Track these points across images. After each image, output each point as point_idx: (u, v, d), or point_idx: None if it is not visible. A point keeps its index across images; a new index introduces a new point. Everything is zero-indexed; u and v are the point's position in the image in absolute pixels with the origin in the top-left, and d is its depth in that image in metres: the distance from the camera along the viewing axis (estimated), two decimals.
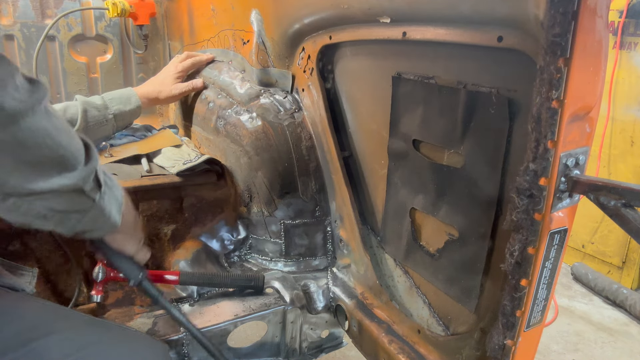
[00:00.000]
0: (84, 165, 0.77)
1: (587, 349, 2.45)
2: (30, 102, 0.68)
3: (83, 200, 0.79)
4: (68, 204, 0.78)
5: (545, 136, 0.64)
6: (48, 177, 0.73)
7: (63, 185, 0.74)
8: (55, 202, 0.76)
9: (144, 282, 1.04)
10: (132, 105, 1.56)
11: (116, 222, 0.89)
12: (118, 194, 0.90)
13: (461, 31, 0.79)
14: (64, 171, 0.74)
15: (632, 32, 2.71)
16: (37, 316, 0.88)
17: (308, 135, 1.31)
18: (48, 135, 0.71)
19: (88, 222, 0.83)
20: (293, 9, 1.22)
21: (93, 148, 0.81)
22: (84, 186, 0.78)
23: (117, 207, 0.88)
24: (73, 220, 0.81)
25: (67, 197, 0.77)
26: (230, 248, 1.40)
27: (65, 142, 0.74)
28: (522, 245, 0.71)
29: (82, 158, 0.77)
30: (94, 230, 0.87)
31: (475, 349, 0.88)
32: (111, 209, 0.87)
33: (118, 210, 0.89)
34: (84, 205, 0.80)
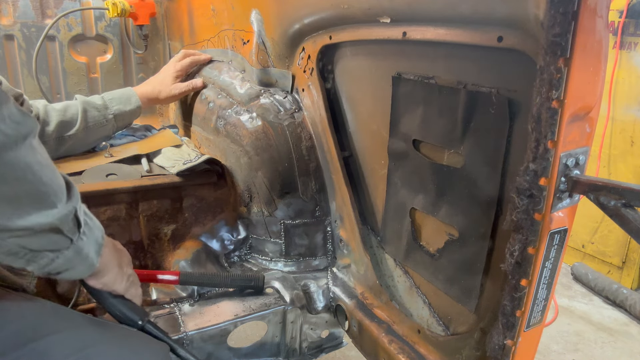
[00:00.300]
0: (65, 204, 0.74)
1: (587, 349, 2.45)
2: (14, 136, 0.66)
3: (59, 240, 0.77)
4: (42, 242, 0.75)
5: (545, 136, 0.64)
6: (25, 214, 0.70)
7: (39, 224, 0.71)
8: (29, 240, 0.72)
9: (146, 326, 0.99)
10: (132, 105, 1.56)
11: (93, 264, 0.85)
12: (98, 235, 0.86)
13: (461, 31, 0.79)
14: (42, 209, 0.71)
15: (632, 32, 2.71)
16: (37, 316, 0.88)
17: (308, 135, 1.31)
18: (30, 171, 0.69)
19: (62, 263, 0.79)
20: (293, 9, 1.22)
21: (74, 187, 0.78)
22: (61, 226, 0.75)
23: (95, 248, 0.85)
24: (45, 259, 0.77)
25: (43, 236, 0.73)
26: (230, 248, 1.40)
27: (47, 178, 0.72)
28: (522, 245, 0.71)
29: (63, 196, 0.75)
30: (69, 270, 0.82)
31: (475, 349, 0.88)
32: (89, 251, 0.83)
33: (97, 251, 0.85)
34: (59, 245, 0.77)
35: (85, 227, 0.81)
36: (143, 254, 1.31)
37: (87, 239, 0.81)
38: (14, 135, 0.66)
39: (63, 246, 0.78)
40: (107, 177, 1.36)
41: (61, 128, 1.42)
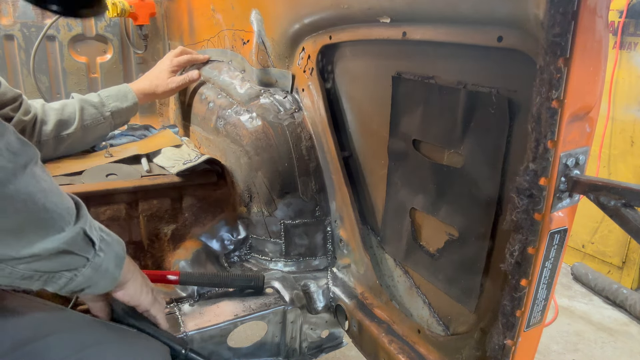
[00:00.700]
0: (72, 226, 0.74)
1: (587, 349, 2.45)
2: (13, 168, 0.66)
3: (73, 260, 0.76)
4: (55, 265, 0.74)
5: (545, 136, 0.64)
6: (29, 243, 0.69)
7: (46, 249, 0.71)
8: (39, 264, 0.72)
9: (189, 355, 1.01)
10: (128, 102, 1.56)
11: (115, 277, 0.85)
12: (118, 248, 0.86)
13: (461, 31, 0.79)
14: (48, 235, 0.71)
15: (632, 32, 2.71)
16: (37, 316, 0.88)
17: (308, 135, 1.31)
18: (31, 200, 0.68)
19: (82, 281, 0.79)
20: (293, 8, 1.22)
21: (83, 207, 0.78)
22: (70, 248, 0.74)
23: (116, 261, 0.85)
24: (64, 279, 0.77)
25: (54, 259, 0.73)
26: (230, 248, 1.40)
27: (51, 204, 0.71)
28: (522, 245, 0.71)
29: (71, 219, 0.74)
30: (91, 287, 0.82)
31: (475, 349, 0.88)
32: (109, 265, 0.83)
33: (118, 264, 0.85)
34: (75, 265, 0.77)
35: (102, 243, 0.81)
36: (143, 254, 1.31)
37: (104, 254, 0.81)
38: (13, 167, 0.66)
39: (79, 265, 0.77)
40: (107, 177, 1.36)
41: (59, 127, 1.42)
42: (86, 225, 0.77)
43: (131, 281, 0.92)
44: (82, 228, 0.76)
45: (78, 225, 0.75)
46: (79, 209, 0.77)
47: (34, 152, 0.71)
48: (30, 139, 1.37)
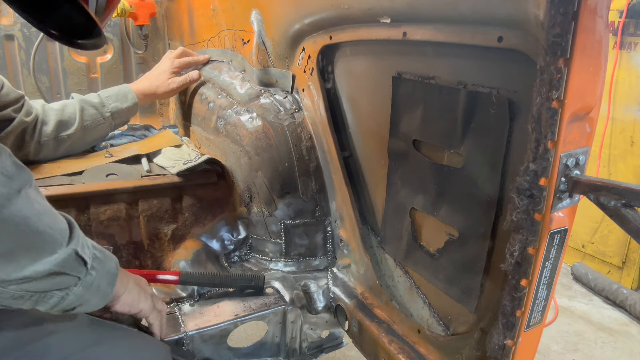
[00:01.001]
0: (64, 247, 0.74)
1: (587, 349, 2.45)
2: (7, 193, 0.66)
3: (64, 280, 0.76)
4: (46, 285, 0.74)
5: (546, 136, 0.64)
6: (21, 267, 0.69)
7: (37, 272, 0.71)
8: (30, 285, 0.72)
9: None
10: (128, 102, 1.56)
11: (107, 294, 0.85)
12: (111, 266, 0.85)
13: (461, 31, 0.79)
14: (40, 257, 0.71)
15: (632, 32, 2.71)
16: (37, 316, 0.88)
17: (308, 135, 1.31)
18: (24, 224, 0.68)
19: (73, 299, 0.78)
20: (293, 9, 1.22)
21: (76, 227, 0.78)
22: (61, 270, 0.74)
23: (108, 279, 0.84)
24: (55, 298, 0.76)
25: (45, 280, 0.73)
26: (231, 248, 1.40)
27: (44, 226, 0.71)
28: (522, 245, 0.71)
29: (64, 240, 0.74)
30: (83, 305, 0.81)
31: (475, 349, 0.88)
32: (100, 283, 0.82)
33: (110, 282, 0.85)
34: (66, 284, 0.76)
35: (94, 261, 0.80)
36: (143, 254, 1.31)
37: (97, 273, 0.80)
38: (7, 192, 0.66)
39: (70, 284, 0.77)
40: (107, 177, 1.35)
41: (59, 128, 1.42)
42: (78, 246, 0.76)
43: (126, 294, 0.92)
44: (74, 249, 0.75)
45: (70, 247, 0.75)
46: (72, 229, 0.76)
47: (28, 175, 0.71)
48: (31, 140, 1.37)
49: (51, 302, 0.76)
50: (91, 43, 1.05)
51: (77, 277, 0.77)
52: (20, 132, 1.34)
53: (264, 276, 1.27)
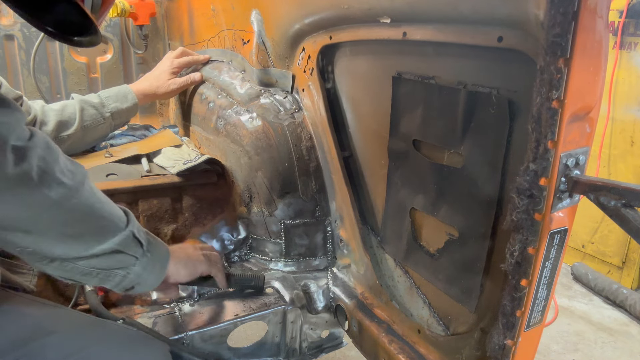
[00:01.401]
0: (123, 230, 0.85)
1: (587, 349, 2.45)
2: (74, 185, 0.77)
3: (125, 259, 0.86)
4: (110, 263, 0.85)
5: (546, 136, 0.64)
6: (90, 246, 0.81)
7: (102, 250, 0.82)
8: (97, 262, 0.83)
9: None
10: (128, 103, 1.56)
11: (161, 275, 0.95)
12: (163, 250, 0.96)
13: (461, 31, 0.79)
14: (105, 238, 0.82)
15: (632, 32, 2.71)
16: (37, 316, 0.88)
17: (308, 135, 1.31)
18: (91, 211, 0.81)
19: (133, 278, 0.89)
20: (293, 9, 1.22)
21: (131, 214, 0.90)
22: (122, 249, 0.85)
23: (161, 261, 0.95)
24: (118, 277, 0.87)
25: (108, 257, 0.84)
26: (231, 248, 1.40)
27: (107, 213, 0.83)
28: (522, 245, 0.71)
29: (122, 224, 0.85)
30: (140, 284, 0.91)
31: (475, 349, 0.88)
32: (155, 265, 0.93)
33: (163, 264, 0.95)
34: (126, 263, 0.87)
35: (149, 245, 0.91)
36: None
37: (151, 255, 0.91)
38: (74, 185, 0.77)
39: (129, 263, 0.87)
40: (107, 177, 1.35)
41: (59, 128, 1.42)
42: (135, 229, 0.88)
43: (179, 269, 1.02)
44: (132, 231, 0.87)
45: (128, 229, 0.86)
46: (128, 216, 0.88)
47: (84, 169, 0.82)
48: None
49: (115, 280, 0.87)
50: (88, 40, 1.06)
51: (134, 257, 0.88)
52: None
53: (264, 276, 1.27)
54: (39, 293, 1.13)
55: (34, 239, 0.76)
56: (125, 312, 1.15)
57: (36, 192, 0.73)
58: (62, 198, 0.75)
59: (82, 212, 0.79)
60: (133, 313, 1.16)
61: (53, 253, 0.78)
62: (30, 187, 0.72)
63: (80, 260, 0.81)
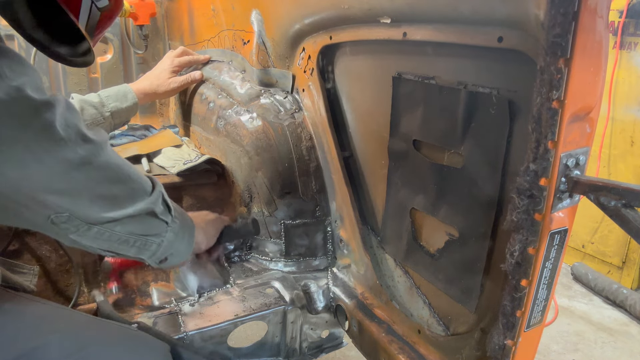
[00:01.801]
0: (152, 192, 0.87)
1: (587, 349, 2.45)
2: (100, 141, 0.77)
3: (158, 224, 0.89)
4: (145, 227, 0.87)
5: (546, 136, 0.64)
6: (123, 207, 0.82)
7: (137, 210, 0.84)
8: (133, 226, 0.85)
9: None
10: (128, 102, 1.56)
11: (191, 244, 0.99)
12: (187, 219, 0.99)
13: (461, 31, 0.79)
14: (137, 199, 0.84)
15: (632, 32, 2.71)
16: (37, 316, 0.88)
17: (308, 136, 1.31)
18: (120, 171, 0.81)
19: (167, 247, 0.92)
20: (293, 9, 1.22)
21: (156, 179, 0.92)
22: (155, 209, 0.87)
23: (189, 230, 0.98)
24: (154, 246, 0.90)
25: (143, 220, 0.86)
26: (231, 248, 1.40)
27: (135, 175, 0.85)
28: (522, 246, 0.71)
29: (149, 187, 0.87)
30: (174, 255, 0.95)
31: (476, 349, 0.88)
32: (184, 233, 0.96)
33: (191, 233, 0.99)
34: (159, 229, 0.90)
35: (175, 212, 0.94)
36: None
37: (180, 221, 0.94)
38: (100, 140, 0.77)
39: (162, 230, 0.90)
40: None
41: None
42: (163, 191, 0.91)
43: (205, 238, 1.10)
44: (161, 192, 0.90)
45: (157, 190, 0.89)
46: (153, 181, 0.90)
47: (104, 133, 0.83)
48: None
49: (151, 249, 0.90)
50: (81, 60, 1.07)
51: (165, 223, 0.91)
52: None
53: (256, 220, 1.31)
54: (39, 293, 1.13)
55: (69, 201, 0.76)
56: (125, 312, 1.16)
57: (63, 147, 0.72)
58: (91, 154, 0.76)
59: (112, 171, 0.80)
60: (133, 313, 1.16)
61: (89, 216, 0.79)
62: (57, 140, 0.72)
63: (117, 225, 0.82)
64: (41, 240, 1.18)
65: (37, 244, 1.18)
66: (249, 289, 1.28)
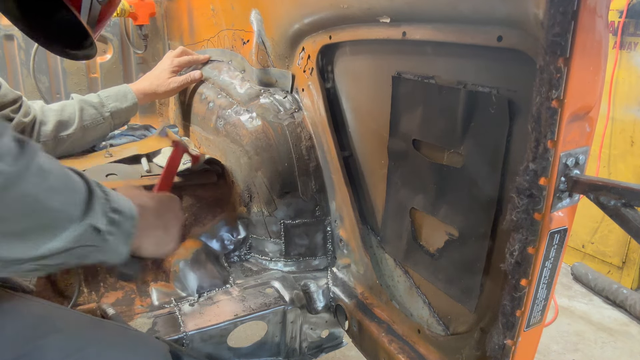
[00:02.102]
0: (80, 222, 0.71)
1: (587, 349, 2.45)
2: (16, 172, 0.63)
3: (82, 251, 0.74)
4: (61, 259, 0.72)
5: (545, 136, 0.64)
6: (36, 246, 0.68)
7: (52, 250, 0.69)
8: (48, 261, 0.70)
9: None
10: (128, 102, 1.57)
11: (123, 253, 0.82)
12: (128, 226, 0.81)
13: (461, 31, 0.79)
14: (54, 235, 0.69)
15: (632, 32, 2.71)
16: (37, 316, 0.88)
17: (308, 135, 1.31)
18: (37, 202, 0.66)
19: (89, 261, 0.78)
20: (293, 8, 1.22)
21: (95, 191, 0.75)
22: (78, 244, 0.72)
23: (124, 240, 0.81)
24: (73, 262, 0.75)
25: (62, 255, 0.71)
26: (230, 248, 1.40)
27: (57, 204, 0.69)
28: (522, 245, 0.71)
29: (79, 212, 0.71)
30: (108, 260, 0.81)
31: (475, 349, 0.88)
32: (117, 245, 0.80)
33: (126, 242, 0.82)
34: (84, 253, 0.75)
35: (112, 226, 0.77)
36: None
37: (113, 237, 0.78)
38: (15, 171, 0.63)
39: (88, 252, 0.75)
40: (107, 177, 1.36)
41: (59, 127, 1.43)
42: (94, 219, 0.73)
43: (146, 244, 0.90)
44: (90, 223, 0.72)
45: (85, 222, 0.72)
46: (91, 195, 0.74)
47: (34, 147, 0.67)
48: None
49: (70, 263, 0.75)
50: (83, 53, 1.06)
51: (93, 247, 0.75)
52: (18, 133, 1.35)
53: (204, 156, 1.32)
54: (39, 293, 1.13)
55: None
56: (125, 312, 1.16)
57: None
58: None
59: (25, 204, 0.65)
60: (133, 313, 1.16)
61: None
62: None
63: (26, 263, 0.68)
64: None
65: None
66: (249, 289, 1.27)
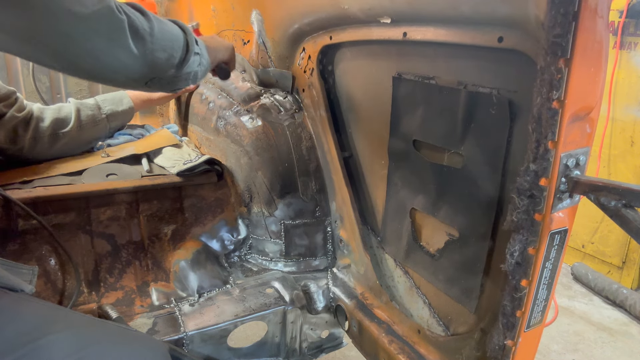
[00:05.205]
0: (187, 35, 1.00)
1: (587, 349, 2.45)
2: (152, 16, 0.91)
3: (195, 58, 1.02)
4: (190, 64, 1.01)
5: (546, 136, 0.64)
6: (179, 59, 0.97)
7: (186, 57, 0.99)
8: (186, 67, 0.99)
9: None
10: (124, 106, 1.59)
11: (207, 65, 1.11)
12: (204, 53, 1.09)
13: (462, 32, 0.79)
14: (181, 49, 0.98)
15: (632, 32, 2.71)
16: (37, 316, 0.88)
17: (308, 136, 1.31)
18: (170, 33, 0.94)
19: (203, 71, 1.07)
20: (293, 9, 1.22)
21: (186, 29, 1.01)
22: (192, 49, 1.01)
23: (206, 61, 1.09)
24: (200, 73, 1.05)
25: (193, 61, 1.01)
26: (231, 248, 1.40)
27: (176, 32, 0.98)
28: (522, 246, 0.71)
29: (183, 35, 1.00)
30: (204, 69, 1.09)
31: (476, 349, 0.88)
32: (207, 57, 1.10)
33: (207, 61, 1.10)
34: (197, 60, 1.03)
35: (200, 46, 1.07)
36: (143, 253, 1.31)
37: (201, 57, 1.06)
38: (150, 20, 0.89)
39: (198, 61, 1.03)
40: (107, 177, 1.35)
41: (55, 125, 1.43)
42: (192, 46, 1.02)
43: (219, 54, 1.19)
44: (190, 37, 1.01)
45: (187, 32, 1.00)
46: (183, 28, 1.00)
47: (148, 12, 0.92)
48: (25, 135, 1.37)
49: (197, 78, 1.05)
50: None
51: (198, 54, 1.03)
52: (11, 127, 1.36)
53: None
54: (39, 293, 1.13)
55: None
56: (125, 312, 1.16)
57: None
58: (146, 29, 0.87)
59: (167, 35, 0.93)
60: (133, 313, 1.16)
61: (165, 73, 0.94)
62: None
63: (178, 71, 0.97)
64: (41, 241, 1.18)
65: (37, 244, 1.18)
66: (249, 289, 1.27)
